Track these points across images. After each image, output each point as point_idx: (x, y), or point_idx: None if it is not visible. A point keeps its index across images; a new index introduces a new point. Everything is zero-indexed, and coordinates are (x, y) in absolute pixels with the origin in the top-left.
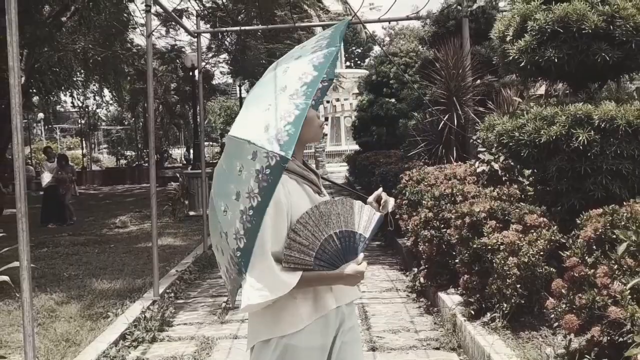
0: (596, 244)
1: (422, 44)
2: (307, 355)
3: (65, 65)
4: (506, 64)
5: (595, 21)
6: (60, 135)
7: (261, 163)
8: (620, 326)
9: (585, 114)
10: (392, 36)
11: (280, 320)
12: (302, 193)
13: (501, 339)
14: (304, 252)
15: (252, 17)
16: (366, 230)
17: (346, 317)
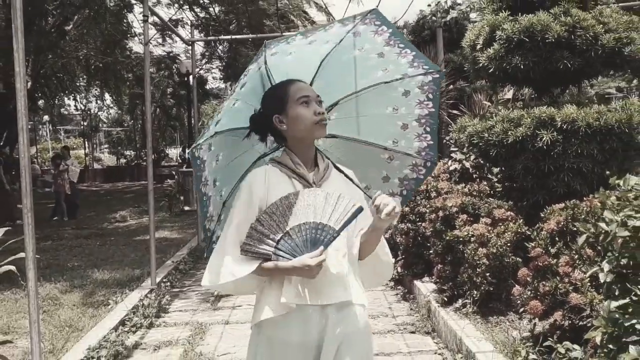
0: (558, 236)
1: None
2: (283, 349)
3: (69, 71)
4: (477, 71)
5: (558, 31)
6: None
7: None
8: (580, 311)
9: (548, 117)
10: None
11: (257, 307)
12: (289, 187)
13: (472, 323)
14: (264, 242)
15: (242, 27)
16: (337, 222)
17: (337, 321)
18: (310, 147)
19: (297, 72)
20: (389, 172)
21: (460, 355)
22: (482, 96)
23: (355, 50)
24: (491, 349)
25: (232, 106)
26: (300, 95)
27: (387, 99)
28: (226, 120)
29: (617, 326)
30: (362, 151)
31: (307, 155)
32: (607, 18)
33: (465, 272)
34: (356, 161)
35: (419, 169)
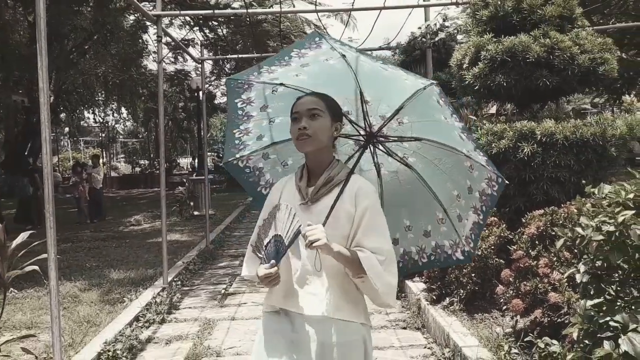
0: (538, 240)
1: None
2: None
3: (88, 87)
4: (463, 88)
5: (537, 52)
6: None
7: None
8: (558, 309)
9: (529, 130)
10: None
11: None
12: (291, 195)
13: (458, 320)
14: (261, 246)
15: (248, 47)
16: (287, 238)
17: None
18: (313, 160)
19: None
20: (472, 182)
21: (447, 349)
22: (468, 111)
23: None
24: (476, 343)
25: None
26: (293, 112)
27: (433, 107)
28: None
29: (592, 323)
30: (448, 156)
31: (315, 168)
32: (583, 40)
33: (452, 273)
34: (447, 168)
35: (492, 184)
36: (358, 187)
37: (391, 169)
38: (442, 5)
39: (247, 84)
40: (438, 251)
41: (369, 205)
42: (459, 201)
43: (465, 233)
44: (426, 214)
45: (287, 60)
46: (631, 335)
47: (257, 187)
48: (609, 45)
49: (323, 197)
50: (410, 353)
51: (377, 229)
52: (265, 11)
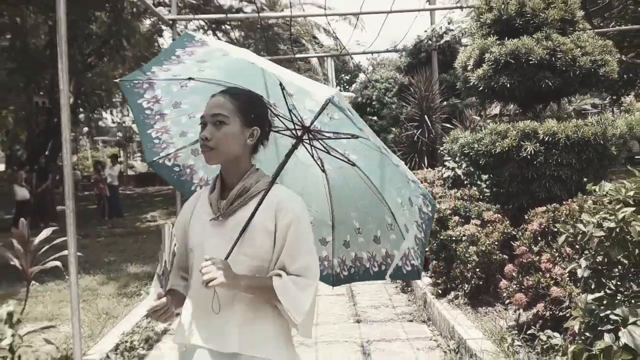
0: (541, 236)
1: (399, 72)
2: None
3: (106, 89)
4: (468, 89)
5: (540, 54)
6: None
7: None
8: (560, 303)
9: (532, 130)
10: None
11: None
12: (203, 210)
13: (463, 313)
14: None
15: (259, 50)
16: (168, 264)
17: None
18: (226, 170)
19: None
20: (410, 194)
21: (452, 341)
22: (472, 111)
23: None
24: (480, 336)
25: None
26: (200, 115)
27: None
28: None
29: (593, 316)
30: (386, 160)
31: (229, 177)
32: (584, 42)
33: (457, 268)
34: (387, 171)
35: (426, 203)
36: (279, 200)
37: (335, 165)
38: (447, 9)
39: (146, 83)
40: (388, 261)
41: (293, 221)
42: (404, 210)
43: (413, 246)
44: (375, 217)
45: (177, 58)
46: (631, 329)
47: (191, 186)
48: (610, 48)
49: (238, 211)
50: (417, 345)
51: (303, 247)
52: (276, 15)
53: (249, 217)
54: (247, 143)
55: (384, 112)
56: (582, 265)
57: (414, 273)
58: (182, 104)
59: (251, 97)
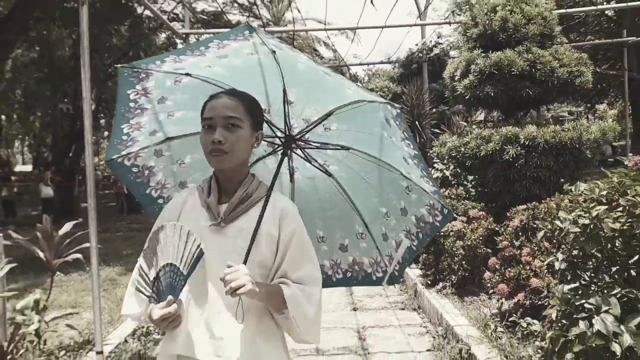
0: (521, 232)
1: (392, 82)
2: None
3: None
4: (455, 97)
5: (521, 65)
6: None
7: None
8: (539, 293)
9: (513, 135)
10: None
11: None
12: (195, 214)
13: (450, 302)
14: (146, 282)
15: None
16: (186, 266)
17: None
18: (227, 175)
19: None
20: (407, 204)
21: (440, 327)
22: (459, 118)
23: (297, 63)
24: (466, 323)
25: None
26: (204, 117)
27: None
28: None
29: (569, 305)
30: (380, 171)
31: (228, 182)
32: (562, 55)
33: (445, 261)
34: (376, 181)
35: (435, 213)
36: (282, 207)
37: (308, 175)
38: (436, 25)
39: (144, 73)
40: (356, 268)
41: (296, 230)
42: (387, 219)
43: (390, 254)
44: (344, 226)
45: (203, 50)
46: (603, 316)
47: (145, 189)
48: (585, 60)
49: (238, 218)
50: (408, 331)
51: (306, 256)
52: (280, 29)
53: (257, 224)
54: (253, 147)
55: None
56: (559, 259)
57: (384, 279)
58: (167, 100)
59: (255, 100)
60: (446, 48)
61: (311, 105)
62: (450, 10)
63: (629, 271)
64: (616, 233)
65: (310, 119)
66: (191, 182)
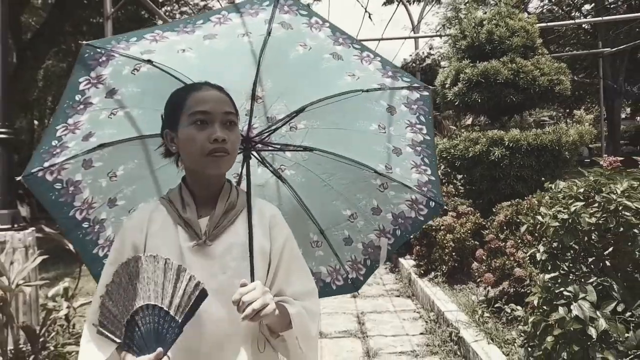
0: (506, 226)
1: None
2: None
3: None
4: (445, 103)
5: (506, 74)
6: None
7: None
8: (522, 281)
9: (499, 137)
10: None
11: None
12: (169, 234)
13: (441, 290)
14: (114, 325)
15: None
16: (179, 311)
17: None
18: (211, 182)
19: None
20: (381, 203)
21: (432, 313)
22: (449, 122)
23: (297, 46)
24: (456, 309)
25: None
26: (196, 110)
27: (368, 113)
28: (116, 129)
29: (549, 293)
30: (347, 171)
31: (207, 191)
32: (543, 65)
33: (436, 252)
34: (340, 185)
35: (419, 208)
36: (271, 215)
37: (256, 182)
38: (428, 37)
39: (106, 55)
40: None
41: (287, 239)
42: (352, 222)
43: (353, 258)
44: (295, 234)
45: (199, 24)
46: (581, 303)
47: (69, 211)
48: (564, 69)
49: (224, 233)
50: (403, 316)
51: (299, 267)
52: None
53: (250, 237)
54: None
55: None
56: (540, 250)
57: (348, 287)
58: (116, 93)
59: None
60: (437, 58)
61: (283, 99)
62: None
63: (604, 262)
64: (592, 227)
65: (275, 117)
66: (121, 200)
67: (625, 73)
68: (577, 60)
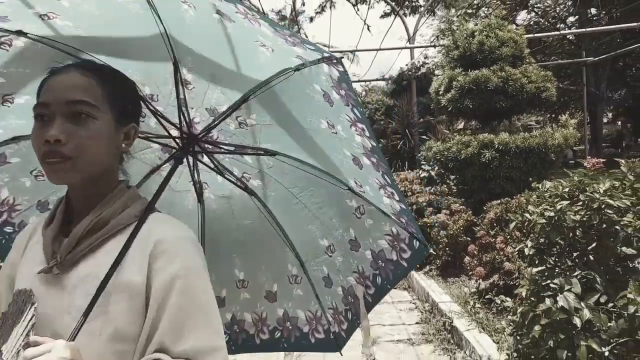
0: (496, 223)
1: (386, 96)
2: None
3: None
4: (439, 109)
5: (495, 82)
6: None
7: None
8: (511, 274)
9: (489, 141)
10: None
11: None
12: (31, 258)
13: (435, 282)
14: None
15: None
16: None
17: None
18: (80, 191)
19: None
20: (359, 235)
21: (427, 304)
22: (443, 126)
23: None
24: (449, 300)
25: None
26: (37, 103)
27: (311, 104)
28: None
29: (537, 285)
30: (318, 186)
31: (85, 203)
32: (530, 73)
33: (431, 247)
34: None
35: (400, 247)
36: (156, 240)
37: (221, 193)
38: (423, 48)
39: None
40: (287, 325)
41: (179, 274)
42: (330, 256)
43: (335, 305)
44: (271, 266)
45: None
46: (566, 294)
47: None
48: (550, 77)
49: (86, 258)
50: (399, 307)
51: (197, 316)
52: None
53: (110, 270)
54: (121, 148)
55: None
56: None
57: (328, 343)
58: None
59: (123, 78)
60: (432, 67)
61: (218, 86)
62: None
63: (588, 256)
64: (577, 224)
65: (216, 108)
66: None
67: (607, 81)
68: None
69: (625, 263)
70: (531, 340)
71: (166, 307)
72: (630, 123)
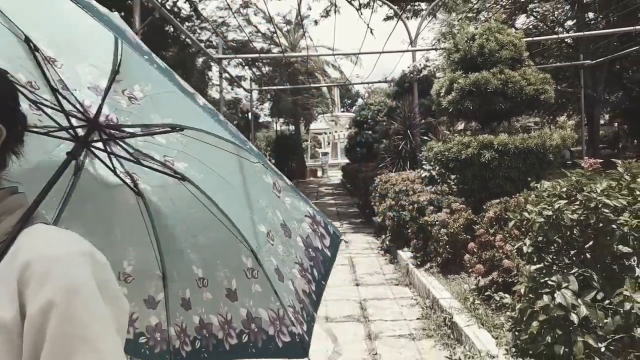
0: (495, 221)
1: (388, 98)
2: None
3: None
4: (440, 110)
5: (495, 84)
6: None
7: None
8: (510, 272)
9: (489, 141)
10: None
11: None
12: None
13: (436, 279)
14: None
15: (284, 81)
16: None
17: None
18: None
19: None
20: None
21: (428, 300)
22: (443, 127)
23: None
24: (449, 296)
25: None
26: None
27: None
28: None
29: (535, 282)
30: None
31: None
32: (529, 75)
33: (432, 245)
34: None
35: (320, 232)
36: (24, 262)
37: (154, 182)
38: (425, 51)
39: None
40: (252, 327)
41: (54, 298)
42: (272, 244)
43: (292, 303)
44: (227, 260)
45: None
46: (563, 291)
47: None
48: (548, 80)
49: None
50: (401, 303)
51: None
52: (296, 54)
53: None
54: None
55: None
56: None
57: (295, 347)
58: None
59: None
60: (433, 70)
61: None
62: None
63: (585, 254)
64: (574, 223)
65: (97, 84)
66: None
67: (604, 83)
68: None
69: (621, 261)
70: (529, 336)
71: (44, 342)
72: (626, 125)
